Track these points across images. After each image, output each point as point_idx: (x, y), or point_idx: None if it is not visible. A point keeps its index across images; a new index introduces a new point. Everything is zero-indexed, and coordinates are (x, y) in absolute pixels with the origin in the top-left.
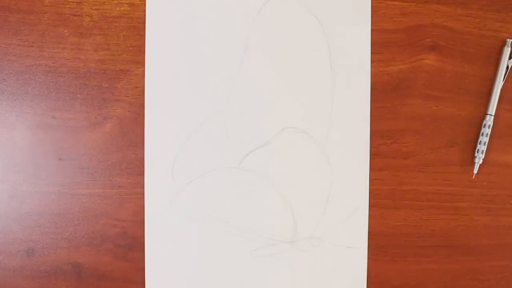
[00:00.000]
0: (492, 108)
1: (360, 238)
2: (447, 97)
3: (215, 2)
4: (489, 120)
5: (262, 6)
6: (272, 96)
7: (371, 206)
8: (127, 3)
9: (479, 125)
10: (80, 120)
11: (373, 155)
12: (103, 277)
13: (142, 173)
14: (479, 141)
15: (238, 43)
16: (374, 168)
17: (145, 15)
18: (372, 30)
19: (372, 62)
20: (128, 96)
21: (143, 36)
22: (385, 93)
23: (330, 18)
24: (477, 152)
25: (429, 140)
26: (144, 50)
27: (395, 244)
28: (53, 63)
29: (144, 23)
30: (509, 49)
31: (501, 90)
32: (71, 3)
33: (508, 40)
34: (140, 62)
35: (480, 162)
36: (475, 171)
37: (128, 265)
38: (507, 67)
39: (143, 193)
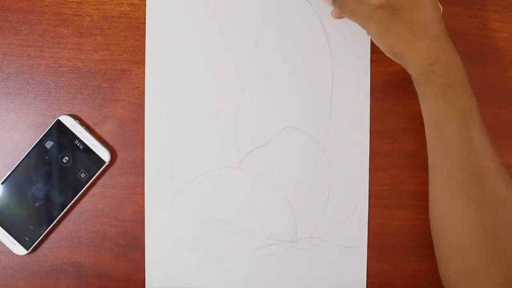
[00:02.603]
0: None
1: (360, 238)
2: None
3: (214, 2)
4: None
5: (261, 6)
6: (272, 96)
7: (371, 206)
8: (127, 3)
9: None
10: (80, 120)
11: (373, 155)
12: (103, 277)
13: (142, 173)
14: None
15: (237, 43)
16: (374, 168)
17: (145, 15)
18: None
19: (372, 62)
20: (128, 96)
21: (143, 36)
22: (385, 93)
23: (331, 18)
24: None
25: None
26: (144, 50)
27: (395, 244)
28: (53, 63)
29: (144, 23)
30: None
31: (501, 89)
32: (71, 3)
33: None
34: (140, 62)
35: None
36: None
37: (128, 265)
38: None
39: (143, 193)
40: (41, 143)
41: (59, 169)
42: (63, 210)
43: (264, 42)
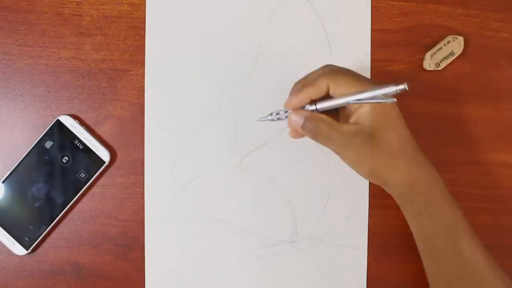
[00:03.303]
0: None
1: (360, 238)
2: (447, 97)
3: (213, 2)
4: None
5: (262, 6)
6: (272, 95)
7: (371, 206)
8: (127, 3)
9: (479, 125)
10: (80, 120)
11: None
12: (103, 277)
13: (142, 173)
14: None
15: (237, 42)
16: None
17: (145, 15)
18: (372, 30)
19: (372, 62)
20: (128, 96)
21: (143, 36)
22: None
23: (331, 18)
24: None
25: (429, 140)
26: (144, 50)
27: (395, 244)
28: (53, 63)
29: (144, 23)
30: None
31: (501, 89)
32: (71, 3)
33: None
34: (140, 62)
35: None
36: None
37: (128, 265)
38: None
39: (143, 193)
40: (41, 143)
41: (59, 169)
42: (63, 210)
43: (264, 42)
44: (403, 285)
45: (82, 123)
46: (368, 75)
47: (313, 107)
